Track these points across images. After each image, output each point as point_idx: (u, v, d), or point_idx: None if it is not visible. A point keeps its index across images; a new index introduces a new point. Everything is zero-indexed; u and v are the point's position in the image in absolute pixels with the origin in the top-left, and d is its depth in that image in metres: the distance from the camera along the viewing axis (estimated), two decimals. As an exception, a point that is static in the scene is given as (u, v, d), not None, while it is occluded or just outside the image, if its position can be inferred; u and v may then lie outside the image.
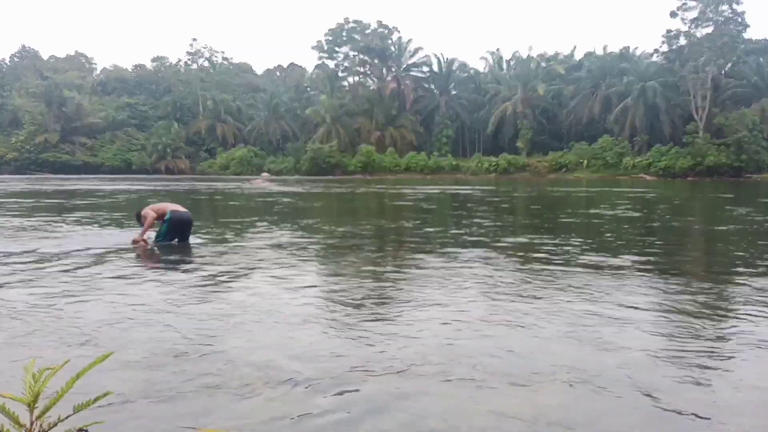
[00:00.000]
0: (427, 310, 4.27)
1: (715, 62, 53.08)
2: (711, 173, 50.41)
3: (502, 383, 2.85)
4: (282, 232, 9.71)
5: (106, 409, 2.37)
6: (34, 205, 17.10)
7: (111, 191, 26.21)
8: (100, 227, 10.27)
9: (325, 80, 73.65)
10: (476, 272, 5.86)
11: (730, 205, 17.60)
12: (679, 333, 3.72)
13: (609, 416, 2.50)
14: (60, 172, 68.87)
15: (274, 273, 5.79)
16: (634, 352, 3.32)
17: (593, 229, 10.73)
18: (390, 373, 2.95)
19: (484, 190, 27.72)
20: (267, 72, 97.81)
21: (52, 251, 7.12)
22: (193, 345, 3.40)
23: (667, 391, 2.74)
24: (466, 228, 10.74)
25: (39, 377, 1.41)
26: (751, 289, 5.03)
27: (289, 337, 3.59)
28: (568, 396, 2.71)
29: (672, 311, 4.28)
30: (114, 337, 3.54)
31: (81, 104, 77.01)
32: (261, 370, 2.96)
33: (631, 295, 4.78)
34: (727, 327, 3.90)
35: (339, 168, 64.35)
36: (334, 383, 2.81)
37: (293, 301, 4.54)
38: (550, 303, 4.49)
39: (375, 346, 3.40)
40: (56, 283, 5.21)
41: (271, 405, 2.57)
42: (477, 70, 75.60)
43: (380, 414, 2.50)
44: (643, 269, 6.09)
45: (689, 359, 3.21)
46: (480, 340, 3.54)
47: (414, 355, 3.23)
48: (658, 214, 14.36)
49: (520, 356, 3.24)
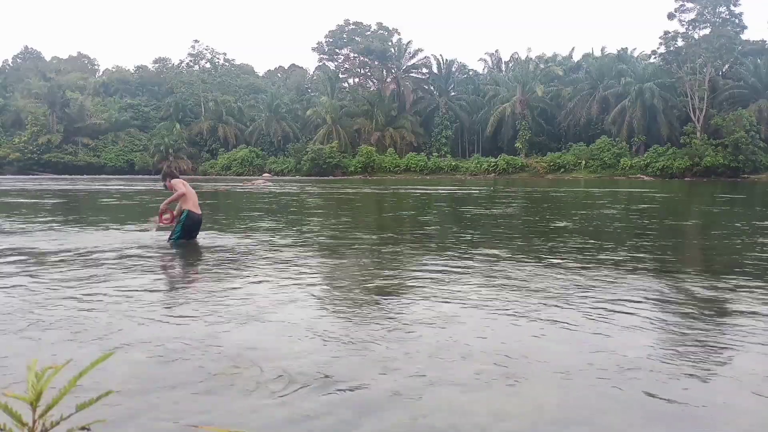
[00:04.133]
0: (427, 309, 4.28)
1: (712, 63, 53.23)
2: (708, 174, 50.63)
3: (502, 383, 2.86)
4: (282, 232, 9.75)
5: (109, 408, 2.37)
6: (35, 204, 17.27)
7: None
8: (100, 227, 10.31)
9: (325, 81, 74.02)
10: (475, 272, 5.89)
11: (738, 207, 17.55)
12: (679, 332, 3.73)
13: (608, 415, 2.50)
14: (63, 172, 68.99)
15: (274, 272, 5.81)
16: (634, 351, 3.32)
17: (593, 229, 10.65)
18: (390, 373, 2.97)
19: (484, 191, 27.71)
20: (268, 73, 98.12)
21: (52, 250, 7.15)
22: (195, 344, 3.42)
23: (666, 391, 2.75)
24: (465, 228, 10.79)
25: (41, 376, 1.41)
26: (751, 288, 5.04)
27: (290, 336, 3.61)
28: (568, 395, 2.71)
29: (671, 310, 4.30)
30: (115, 336, 3.57)
31: (84, 105, 77.31)
32: (261, 370, 2.98)
33: (630, 294, 4.79)
34: (727, 326, 3.92)
35: (339, 168, 64.64)
36: (335, 383, 2.82)
37: (293, 301, 4.55)
38: (550, 302, 4.49)
39: (374, 346, 3.41)
40: (56, 282, 5.21)
41: (271, 404, 2.58)
42: (476, 72, 76.05)
43: (380, 414, 2.50)
44: (643, 269, 6.09)
45: (689, 358, 3.22)
46: (479, 340, 3.55)
47: (414, 355, 3.24)
48: (659, 214, 14.39)
49: (520, 355, 3.24)
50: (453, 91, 71.73)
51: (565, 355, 3.27)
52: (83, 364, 1.39)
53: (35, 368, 1.42)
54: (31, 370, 1.42)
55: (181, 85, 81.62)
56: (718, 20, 52.91)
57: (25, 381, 1.40)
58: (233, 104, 78.36)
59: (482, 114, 66.70)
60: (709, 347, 3.46)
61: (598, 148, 57.13)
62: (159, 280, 5.60)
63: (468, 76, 74.35)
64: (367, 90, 74.81)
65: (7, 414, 1.33)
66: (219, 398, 2.65)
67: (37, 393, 1.39)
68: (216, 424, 2.36)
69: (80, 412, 1.43)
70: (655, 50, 57.45)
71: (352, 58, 76.27)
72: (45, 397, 1.41)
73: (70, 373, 1.43)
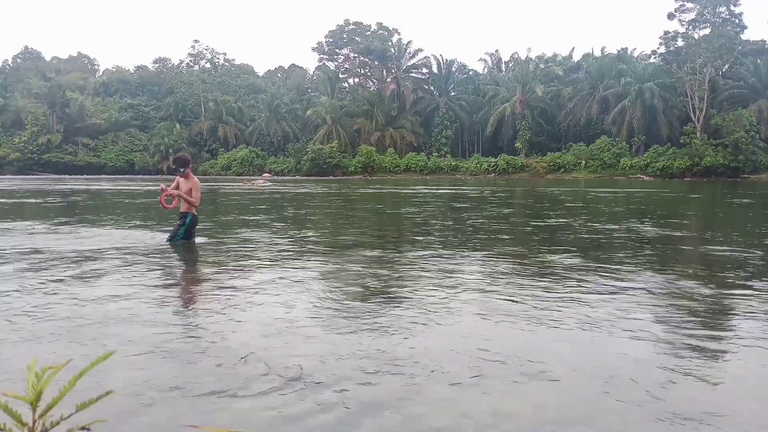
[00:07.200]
0: (427, 309, 4.30)
1: (712, 63, 53.25)
2: (708, 174, 50.65)
3: (502, 382, 2.86)
4: (282, 231, 9.74)
5: (109, 408, 2.36)
6: (39, 204, 17.35)
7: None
8: (104, 226, 10.31)
9: (325, 81, 74.04)
10: (474, 272, 5.90)
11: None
12: (679, 332, 3.73)
13: (608, 415, 2.51)
14: (63, 172, 69.07)
15: (274, 271, 5.83)
16: (633, 351, 3.33)
17: (592, 228, 10.63)
18: (390, 373, 2.97)
19: (483, 191, 27.73)
20: (268, 73, 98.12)
21: (53, 249, 7.15)
22: (195, 344, 3.43)
23: (666, 391, 2.75)
24: (464, 228, 10.80)
25: (41, 376, 1.40)
26: (751, 288, 5.04)
27: (290, 335, 3.63)
28: (567, 395, 2.72)
29: (671, 310, 4.30)
30: (116, 336, 3.58)
31: (84, 105, 77.39)
32: (262, 369, 2.99)
33: (629, 294, 4.79)
34: (728, 326, 3.92)
35: (339, 168, 64.66)
36: (334, 382, 2.83)
37: (293, 301, 4.57)
38: (549, 302, 4.50)
39: (374, 346, 3.43)
40: (56, 282, 5.22)
41: (272, 404, 2.59)
42: (476, 72, 76.10)
43: (380, 413, 2.51)
44: (643, 268, 6.09)
45: (689, 358, 3.22)
46: (479, 340, 3.56)
47: (413, 355, 3.25)
48: (659, 214, 14.40)
49: (519, 355, 3.25)
50: (453, 91, 71.76)
51: (565, 355, 3.27)
52: (83, 364, 1.37)
53: (35, 368, 1.42)
54: (31, 370, 1.41)
55: (181, 85, 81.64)
56: (718, 20, 52.91)
57: (24, 381, 1.40)
58: (233, 104, 78.38)
59: (482, 114, 66.72)
60: (710, 347, 3.46)
61: (598, 148, 57.16)
62: (159, 280, 5.60)
63: (468, 76, 74.39)
64: (367, 90, 74.83)
65: (7, 414, 1.33)
66: (219, 398, 2.65)
67: (37, 393, 1.39)
68: (216, 424, 2.37)
69: (80, 412, 1.43)
70: (655, 50, 57.56)
71: (352, 58, 76.31)
72: (45, 397, 1.40)
73: (70, 373, 1.42)
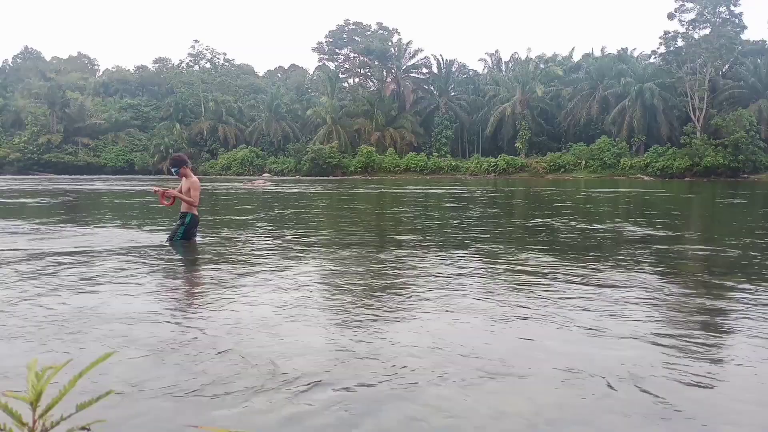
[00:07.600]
0: (426, 309, 4.31)
1: (712, 63, 53.23)
2: (708, 174, 50.66)
3: (501, 382, 2.86)
4: (282, 231, 9.76)
5: (109, 408, 2.38)
6: (35, 204, 17.38)
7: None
8: (104, 226, 10.30)
9: (325, 81, 74.02)
10: (474, 272, 5.90)
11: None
12: (678, 332, 3.73)
13: (607, 415, 2.51)
14: (63, 172, 69.01)
15: (274, 271, 5.84)
16: (633, 351, 3.34)
17: (592, 228, 10.63)
18: (390, 373, 2.98)
19: (483, 191, 27.66)
20: (268, 73, 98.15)
21: (53, 249, 7.14)
22: (195, 344, 3.43)
23: (665, 391, 2.75)
24: (464, 228, 10.80)
25: (41, 376, 1.38)
26: (751, 289, 5.05)
27: (290, 335, 3.63)
28: (567, 395, 2.72)
29: (671, 310, 4.31)
30: (116, 336, 3.58)
31: (84, 105, 77.45)
32: (262, 369, 3.00)
33: (629, 294, 4.80)
34: (727, 326, 3.93)
35: (339, 168, 64.66)
36: (334, 382, 2.83)
37: (293, 300, 4.57)
38: (548, 302, 4.51)
39: (374, 346, 3.43)
40: (56, 282, 5.22)
41: (272, 403, 2.59)
42: (476, 72, 76.12)
43: (380, 413, 2.51)
44: (642, 268, 6.09)
45: (688, 359, 3.22)
46: (479, 340, 3.56)
47: (413, 355, 3.26)
48: (659, 213, 14.39)
49: (519, 355, 3.26)
50: (453, 91, 71.75)
51: (564, 355, 3.27)
52: (83, 364, 1.34)
53: (35, 368, 1.38)
54: (31, 370, 1.38)
55: (181, 85, 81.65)
56: (718, 20, 52.91)
57: (24, 380, 1.40)
58: (233, 104, 78.38)
59: (482, 114, 66.74)
60: (710, 348, 3.46)
61: (598, 148, 57.15)
62: (159, 280, 5.60)
63: (468, 76, 74.43)
64: (367, 90, 74.82)
65: (7, 414, 1.31)
66: (219, 398, 2.65)
67: (37, 393, 1.36)
68: (216, 425, 2.37)
69: (80, 412, 1.39)
70: (655, 50, 57.59)
71: (352, 58, 76.33)
72: (45, 397, 1.38)
73: (70, 373, 1.39)
